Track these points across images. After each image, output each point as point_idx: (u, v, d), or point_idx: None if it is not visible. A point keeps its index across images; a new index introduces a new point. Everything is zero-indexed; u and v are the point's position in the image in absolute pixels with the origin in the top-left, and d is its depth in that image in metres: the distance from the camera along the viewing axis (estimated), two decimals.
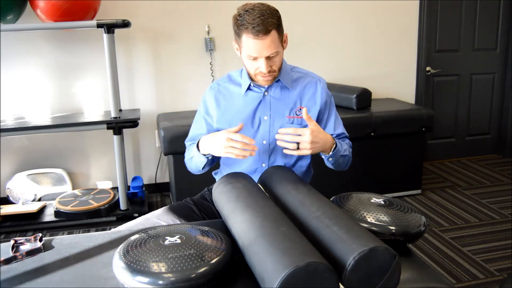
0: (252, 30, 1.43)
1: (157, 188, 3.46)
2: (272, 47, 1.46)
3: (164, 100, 3.34)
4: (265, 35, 1.43)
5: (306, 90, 1.64)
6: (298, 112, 1.62)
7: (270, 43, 1.45)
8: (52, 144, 3.20)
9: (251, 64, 1.52)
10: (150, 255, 1.03)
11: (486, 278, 2.25)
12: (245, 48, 1.48)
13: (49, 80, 3.12)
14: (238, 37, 1.50)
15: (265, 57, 1.47)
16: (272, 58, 1.49)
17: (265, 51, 1.46)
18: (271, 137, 1.62)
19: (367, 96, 3.20)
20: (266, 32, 1.43)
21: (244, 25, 1.44)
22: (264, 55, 1.47)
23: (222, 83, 1.68)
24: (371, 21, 3.62)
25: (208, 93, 1.68)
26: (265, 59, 1.48)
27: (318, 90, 1.64)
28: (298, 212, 1.24)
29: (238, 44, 1.53)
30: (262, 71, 1.50)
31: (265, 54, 1.47)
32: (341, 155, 1.59)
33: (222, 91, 1.66)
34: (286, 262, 0.93)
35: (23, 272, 1.16)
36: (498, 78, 4.06)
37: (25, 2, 2.76)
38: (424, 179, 3.55)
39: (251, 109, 1.62)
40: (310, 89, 1.64)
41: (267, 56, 1.47)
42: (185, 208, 1.69)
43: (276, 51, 1.48)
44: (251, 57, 1.49)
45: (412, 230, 1.24)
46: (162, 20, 3.22)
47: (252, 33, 1.43)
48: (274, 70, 1.53)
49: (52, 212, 2.92)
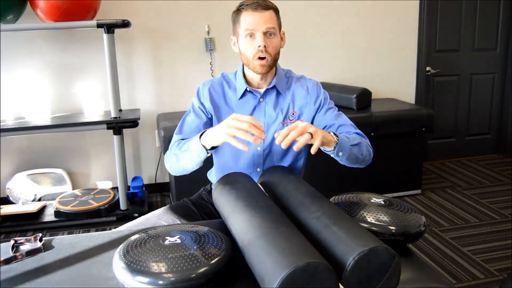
0: (251, 6, 1.47)
1: (157, 188, 3.46)
2: (270, 22, 1.47)
3: (164, 100, 3.34)
4: (264, 10, 1.47)
5: (297, 93, 1.61)
6: (291, 117, 1.60)
7: (269, 18, 1.47)
8: (52, 144, 3.20)
9: (248, 44, 1.49)
10: (150, 255, 1.03)
11: (486, 278, 2.25)
12: (243, 25, 1.48)
13: (49, 80, 3.13)
14: (236, 22, 1.52)
15: (262, 32, 1.47)
16: (269, 38, 1.48)
17: (263, 25, 1.46)
18: (266, 143, 1.60)
19: (367, 96, 3.20)
20: (265, 8, 1.47)
21: (243, 7, 1.48)
22: (261, 29, 1.46)
23: (216, 81, 1.64)
24: (371, 21, 3.62)
25: (201, 88, 1.62)
26: (262, 34, 1.47)
27: (309, 90, 1.61)
28: (298, 212, 1.24)
29: (236, 32, 1.54)
30: (258, 44, 1.47)
31: (263, 28, 1.46)
32: (351, 145, 1.42)
33: (216, 89, 1.62)
34: (286, 262, 0.93)
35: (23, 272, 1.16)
36: (498, 78, 4.06)
37: (25, 2, 2.77)
38: (424, 179, 3.55)
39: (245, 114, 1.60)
40: (302, 91, 1.61)
41: (264, 32, 1.47)
42: (184, 208, 1.69)
43: (274, 28, 1.48)
44: (249, 32, 1.47)
45: (412, 230, 1.24)
46: (162, 20, 3.22)
47: (251, 9, 1.47)
48: (270, 53, 1.49)
49: (52, 212, 2.92)
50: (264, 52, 1.48)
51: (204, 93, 1.61)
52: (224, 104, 1.60)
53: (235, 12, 1.52)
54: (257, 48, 1.47)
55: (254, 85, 1.61)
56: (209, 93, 1.60)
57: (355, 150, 1.44)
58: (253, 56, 1.49)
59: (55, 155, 3.22)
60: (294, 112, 1.60)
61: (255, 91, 1.60)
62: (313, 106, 1.60)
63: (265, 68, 1.51)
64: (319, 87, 1.64)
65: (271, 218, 1.13)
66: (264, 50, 1.47)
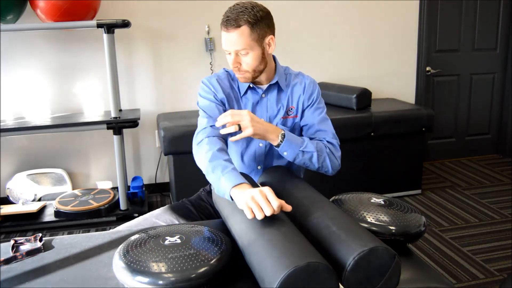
0: (224, 23, 1.45)
1: (157, 188, 3.46)
2: (239, 43, 1.44)
3: (164, 100, 3.34)
4: (235, 29, 1.43)
5: (296, 89, 1.64)
6: (290, 112, 1.63)
7: (238, 38, 1.44)
8: (52, 144, 3.20)
9: (228, 59, 1.51)
10: (150, 255, 1.03)
11: (486, 278, 2.25)
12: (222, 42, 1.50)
13: (49, 80, 3.12)
14: None
15: (234, 51, 1.47)
16: (243, 55, 1.48)
17: (231, 46, 1.46)
18: None
19: (367, 96, 3.20)
20: (236, 27, 1.43)
21: (222, 22, 1.46)
22: (231, 49, 1.47)
23: (221, 74, 1.65)
24: (371, 21, 3.62)
25: (208, 80, 1.61)
26: (234, 54, 1.47)
27: (306, 86, 1.64)
28: (298, 212, 1.24)
29: None
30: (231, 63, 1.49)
31: (232, 49, 1.46)
32: (301, 150, 1.48)
33: (223, 80, 1.62)
34: (286, 262, 0.93)
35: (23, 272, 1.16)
36: (498, 78, 4.06)
37: (25, 2, 2.77)
38: (424, 179, 3.55)
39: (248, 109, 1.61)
40: (300, 87, 1.64)
41: (236, 51, 1.47)
42: (183, 208, 1.70)
43: (245, 49, 1.46)
44: (225, 50, 1.49)
45: (412, 230, 1.24)
46: (162, 20, 3.22)
47: (224, 27, 1.45)
48: (245, 70, 1.50)
49: (52, 212, 2.92)
50: (238, 71, 1.51)
51: (213, 83, 1.59)
52: (232, 96, 1.61)
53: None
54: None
55: (256, 82, 1.62)
56: (219, 84, 1.60)
57: (305, 156, 1.49)
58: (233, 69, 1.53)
59: (55, 155, 3.22)
60: (292, 107, 1.63)
61: (257, 87, 1.61)
62: (307, 102, 1.63)
63: (247, 79, 1.54)
64: (315, 85, 1.66)
65: (271, 218, 1.13)
66: (238, 68, 1.50)
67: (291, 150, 1.47)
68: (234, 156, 1.66)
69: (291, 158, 1.50)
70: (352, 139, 3.03)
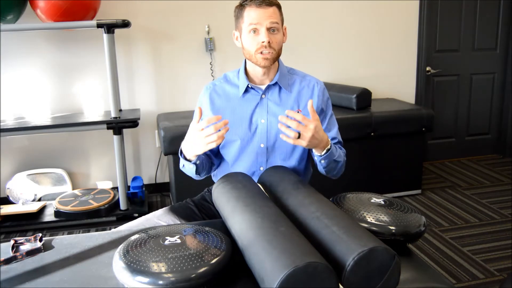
0: (255, 2, 1.50)
1: (157, 188, 3.46)
2: (274, 17, 1.50)
3: (164, 100, 3.34)
4: (268, 6, 1.50)
5: (303, 93, 1.63)
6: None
7: (272, 13, 1.50)
8: (52, 144, 3.20)
9: (252, 39, 1.52)
10: (150, 255, 1.03)
11: (486, 278, 2.25)
12: (247, 20, 1.51)
13: (49, 80, 3.13)
14: (239, 17, 1.54)
15: (266, 27, 1.49)
16: (273, 34, 1.51)
17: (266, 20, 1.49)
18: (269, 141, 1.61)
19: (367, 96, 3.20)
20: (269, 4, 1.50)
21: (247, 2, 1.51)
22: (265, 24, 1.49)
23: (218, 83, 1.67)
24: (371, 21, 3.62)
25: (203, 93, 1.67)
26: (266, 30, 1.50)
27: (315, 94, 1.63)
28: (297, 212, 1.24)
29: (238, 26, 1.56)
30: (262, 40, 1.49)
31: (267, 23, 1.49)
32: (334, 160, 1.53)
33: (217, 91, 1.65)
34: (286, 262, 0.93)
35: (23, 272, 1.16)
36: (498, 78, 4.06)
37: (25, 2, 2.77)
38: (424, 179, 3.55)
39: (247, 111, 1.61)
40: (308, 93, 1.63)
41: (268, 28, 1.50)
42: (185, 209, 1.69)
43: (277, 24, 1.51)
44: (252, 27, 1.50)
45: (412, 230, 1.24)
46: (162, 20, 3.22)
47: (255, 5, 1.49)
48: (274, 49, 1.52)
49: (52, 212, 2.92)
50: (268, 48, 1.51)
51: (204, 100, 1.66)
52: (226, 103, 1.63)
53: (238, 7, 1.55)
54: (260, 43, 1.50)
55: (256, 82, 1.62)
56: (209, 98, 1.65)
57: (333, 165, 1.55)
58: (255, 50, 1.52)
59: (55, 155, 3.22)
60: (299, 111, 1.62)
61: (256, 87, 1.61)
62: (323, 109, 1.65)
63: (268, 61, 1.54)
64: (325, 92, 1.67)
65: (271, 218, 1.13)
66: (268, 45, 1.50)
67: (328, 160, 1.51)
68: (235, 156, 1.64)
69: (324, 165, 1.53)
70: (352, 139, 3.02)
